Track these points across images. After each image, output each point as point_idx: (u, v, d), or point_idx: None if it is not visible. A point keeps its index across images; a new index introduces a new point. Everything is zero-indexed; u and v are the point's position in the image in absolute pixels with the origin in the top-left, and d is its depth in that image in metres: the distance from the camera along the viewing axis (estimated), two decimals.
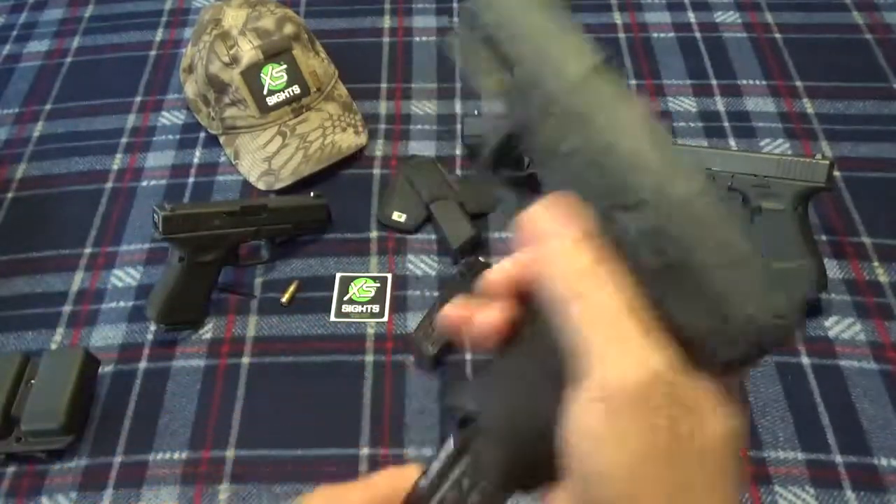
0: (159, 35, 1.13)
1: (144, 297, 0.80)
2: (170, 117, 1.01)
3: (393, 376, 0.75)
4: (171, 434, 0.73)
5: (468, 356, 0.77)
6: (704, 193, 0.25)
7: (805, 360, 0.74)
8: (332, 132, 0.93)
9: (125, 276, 0.85)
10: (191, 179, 0.94)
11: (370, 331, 0.79)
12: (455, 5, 1.13)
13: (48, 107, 1.03)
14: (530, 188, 0.96)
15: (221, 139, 0.95)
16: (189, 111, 1.00)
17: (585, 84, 0.37)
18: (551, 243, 0.25)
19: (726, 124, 0.96)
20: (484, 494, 0.28)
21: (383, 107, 1.00)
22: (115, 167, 0.95)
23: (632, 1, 1.12)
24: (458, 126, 0.96)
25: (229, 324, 0.80)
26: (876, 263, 0.82)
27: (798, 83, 1.00)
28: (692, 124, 0.96)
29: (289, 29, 0.93)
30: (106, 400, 0.75)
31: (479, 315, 0.28)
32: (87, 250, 0.87)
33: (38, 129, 1.01)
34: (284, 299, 0.82)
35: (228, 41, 0.90)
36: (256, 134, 0.92)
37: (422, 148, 0.95)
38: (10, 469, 0.71)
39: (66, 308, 0.82)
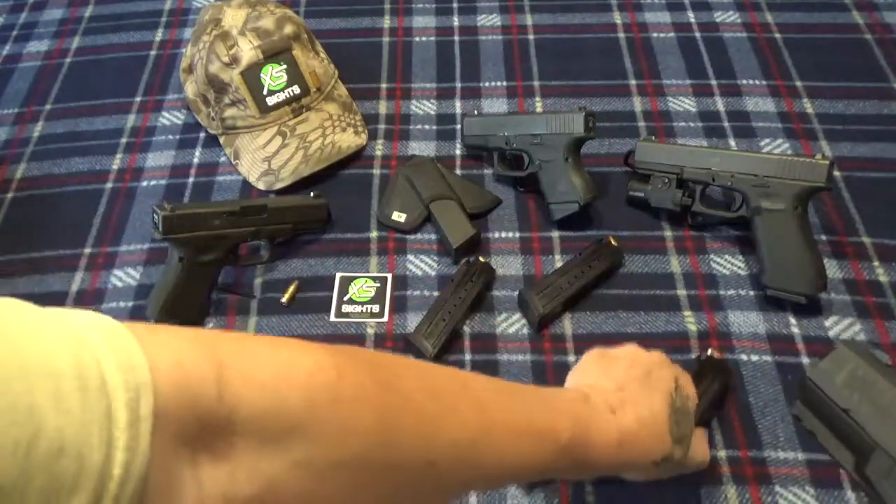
0: (159, 35, 1.13)
1: (144, 297, 0.80)
2: (170, 117, 1.01)
3: None
4: None
5: (468, 356, 0.77)
6: None
7: (805, 360, 0.74)
8: (332, 132, 0.93)
9: (125, 276, 0.85)
10: (191, 179, 0.94)
11: (370, 331, 0.79)
12: (455, 5, 1.13)
13: (48, 107, 1.03)
14: (529, 188, 0.96)
15: (221, 139, 0.95)
16: (189, 111, 1.00)
17: None
18: None
19: (726, 124, 0.96)
20: None
21: (383, 107, 1.00)
22: (115, 167, 0.95)
23: (632, 1, 1.12)
24: (458, 126, 0.97)
25: (229, 324, 0.80)
26: (876, 263, 0.82)
27: (798, 83, 1.00)
28: (692, 124, 0.96)
29: (289, 29, 0.93)
30: None
31: None
32: (87, 250, 0.87)
33: (38, 129, 1.01)
34: (284, 299, 0.82)
35: (228, 41, 0.90)
36: (256, 134, 0.92)
37: (422, 148, 0.95)
38: None
39: (67, 308, 0.82)
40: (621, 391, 0.55)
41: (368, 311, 0.81)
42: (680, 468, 0.59)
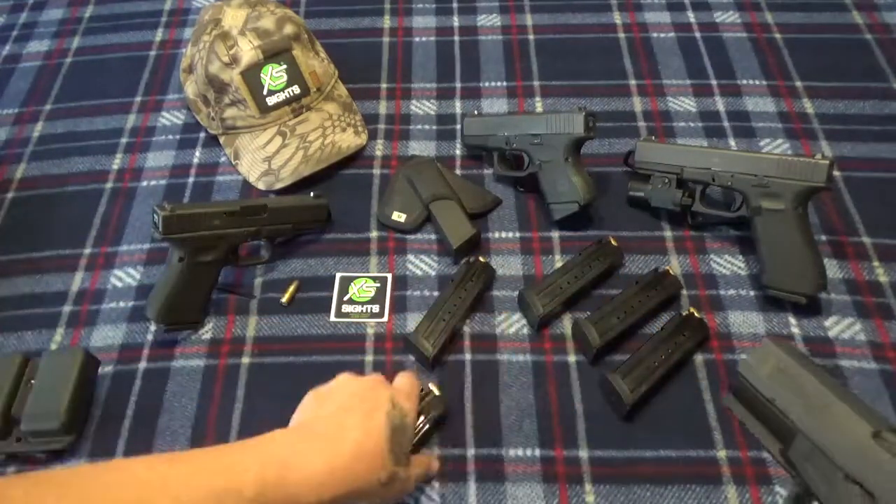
0: (159, 35, 1.13)
1: (144, 298, 0.80)
2: (170, 117, 1.01)
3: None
4: (171, 434, 0.73)
5: (468, 356, 0.77)
6: None
7: None
8: (332, 132, 0.93)
9: (125, 277, 0.85)
10: (191, 179, 0.94)
11: (370, 331, 0.79)
12: (455, 5, 1.13)
13: (48, 107, 1.03)
14: (529, 188, 0.96)
15: (221, 139, 0.95)
16: (189, 111, 1.00)
17: (867, 454, 0.43)
18: None
19: (726, 124, 0.96)
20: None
21: (383, 107, 1.00)
22: (115, 167, 0.95)
23: (632, 1, 1.12)
24: (458, 126, 0.97)
25: (229, 324, 0.80)
26: (876, 263, 0.82)
27: (798, 83, 1.00)
28: (692, 124, 0.96)
29: (289, 29, 0.93)
30: (106, 400, 0.75)
31: None
32: (87, 250, 0.87)
33: (38, 129, 1.01)
34: (284, 299, 0.82)
35: (228, 41, 0.90)
36: (256, 134, 0.92)
37: (422, 148, 0.95)
38: (11, 469, 0.71)
39: (66, 308, 0.82)
40: (334, 419, 0.58)
41: (368, 311, 0.81)
42: (407, 485, 0.62)
